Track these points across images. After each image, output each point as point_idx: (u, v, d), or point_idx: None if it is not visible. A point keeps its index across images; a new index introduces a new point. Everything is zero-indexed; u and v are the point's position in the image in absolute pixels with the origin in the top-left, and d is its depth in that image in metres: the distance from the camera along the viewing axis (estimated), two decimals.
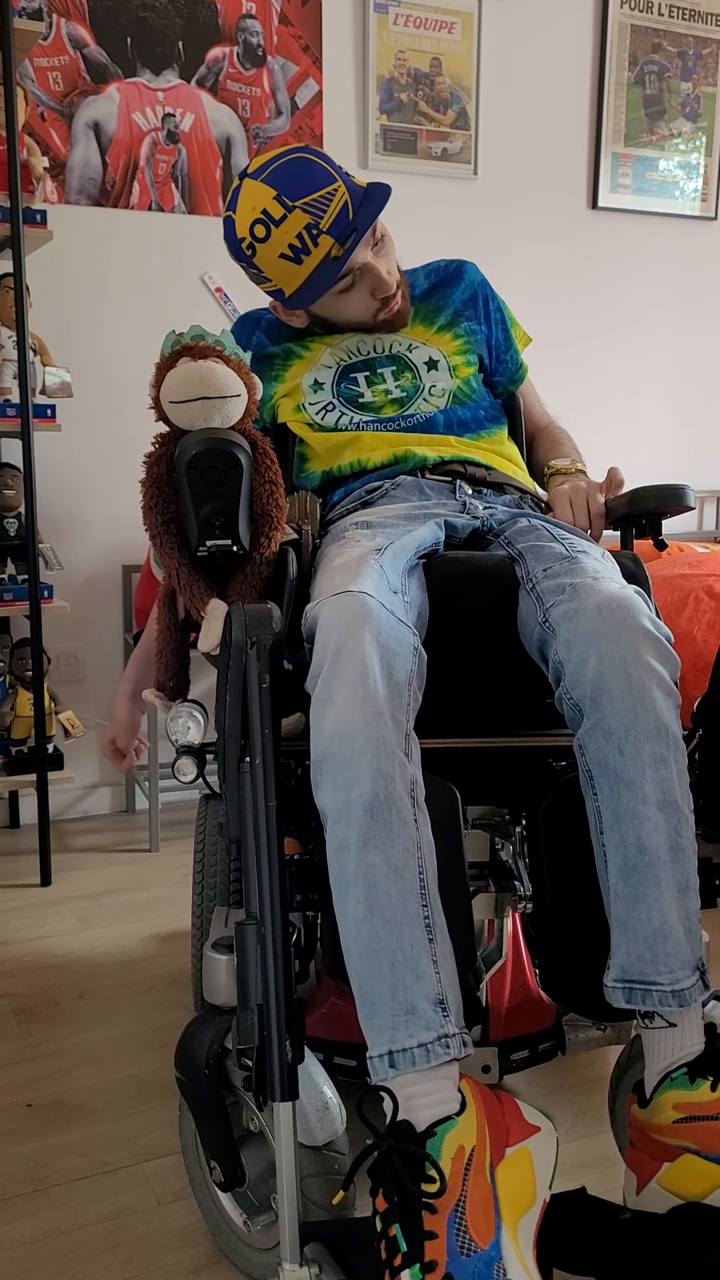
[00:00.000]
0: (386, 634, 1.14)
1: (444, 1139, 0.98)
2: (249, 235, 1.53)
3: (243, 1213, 1.26)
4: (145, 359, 2.72)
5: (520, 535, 1.37)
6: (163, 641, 1.41)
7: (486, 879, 1.41)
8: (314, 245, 1.52)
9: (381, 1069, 1.02)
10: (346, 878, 1.06)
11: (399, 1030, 1.02)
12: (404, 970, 1.03)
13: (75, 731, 2.54)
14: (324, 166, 1.53)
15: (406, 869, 1.05)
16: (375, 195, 1.55)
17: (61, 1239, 1.33)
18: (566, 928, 1.20)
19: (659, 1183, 1.06)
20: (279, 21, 2.87)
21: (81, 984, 1.98)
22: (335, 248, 1.52)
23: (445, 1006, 1.03)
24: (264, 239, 1.52)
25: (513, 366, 1.77)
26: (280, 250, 1.52)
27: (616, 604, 1.16)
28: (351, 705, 1.08)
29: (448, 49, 3.08)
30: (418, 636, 1.20)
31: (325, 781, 1.08)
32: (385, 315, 1.65)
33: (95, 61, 2.70)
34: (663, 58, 3.40)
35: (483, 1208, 0.95)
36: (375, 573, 1.22)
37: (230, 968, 1.18)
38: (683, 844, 1.10)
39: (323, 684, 1.12)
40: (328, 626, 1.15)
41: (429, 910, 1.06)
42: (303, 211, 1.50)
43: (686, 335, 3.62)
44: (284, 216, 1.50)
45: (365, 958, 1.04)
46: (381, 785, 1.06)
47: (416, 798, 1.09)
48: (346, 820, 1.06)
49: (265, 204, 1.51)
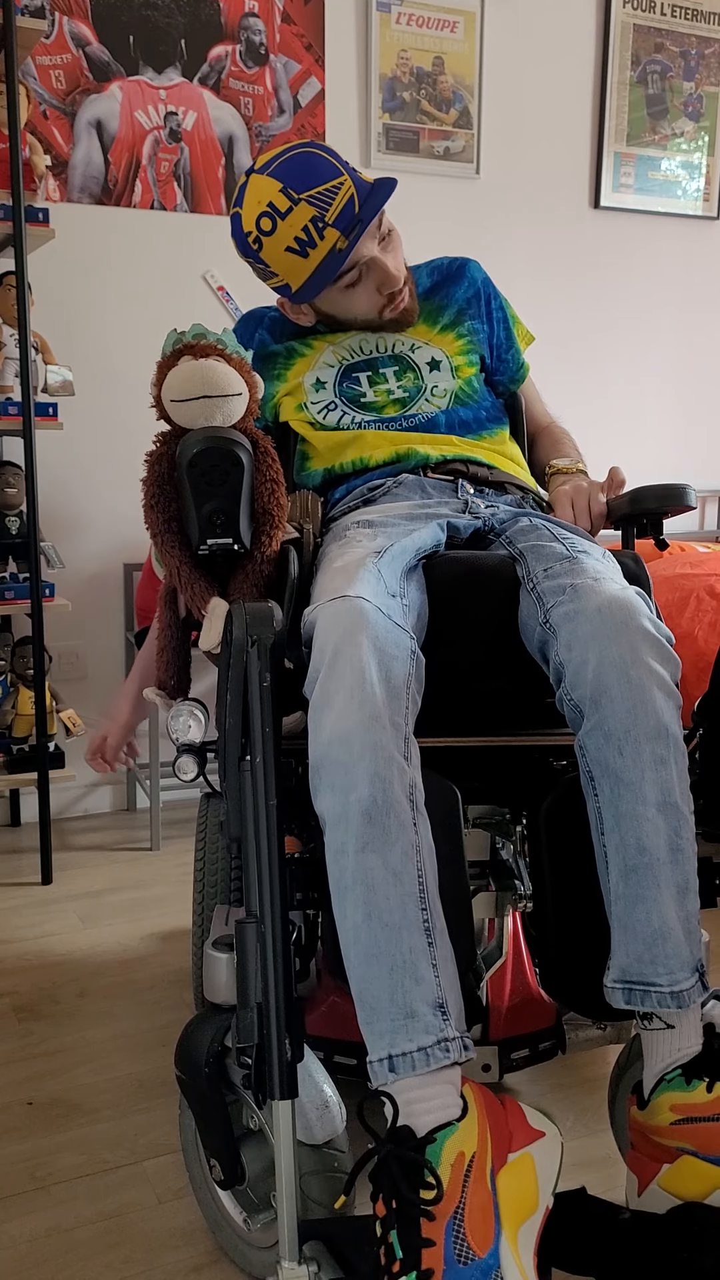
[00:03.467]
0: (383, 638, 1.13)
1: (444, 1145, 0.98)
2: (255, 229, 1.53)
3: (242, 1211, 1.26)
4: (147, 357, 2.73)
5: (521, 535, 1.37)
6: (164, 640, 1.41)
7: (487, 878, 1.41)
8: (320, 238, 1.51)
9: (381, 1073, 1.02)
10: (345, 882, 1.05)
11: (398, 1034, 1.01)
12: (403, 974, 1.02)
13: (76, 730, 2.54)
14: (330, 160, 1.53)
15: (405, 873, 1.05)
16: (381, 188, 1.55)
17: (62, 1237, 1.33)
18: (567, 927, 1.20)
19: (659, 1184, 1.05)
20: (281, 20, 2.87)
21: (82, 982, 1.98)
22: (341, 240, 1.52)
23: (445, 1010, 1.03)
24: (270, 232, 1.52)
25: (514, 365, 1.77)
26: (286, 243, 1.52)
27: (617, 605, 1.15)
28: (349, 710, 1.07)
29: (450, 48, 3.08)
30: (415, 640, 1.19)
31: (323, 786, 1.08)
32: (392, 313, 1.65)
33: (98, 60, 2.70)
34: (665, 57, 3.40)
35: (482, 1215, 0.94)
36: (373, 577, 1.21)
37: (230, 966, 1.18)
38: (682, 845, 1.10)
39: (320, 689, 1.11)
40: (324, 631, 1.14)
41: (428, 914, 1.05)
42: (308, 204, 1.50)
43: (688, 335, 3.62)
44: (290, 209, 1.50)
45: (364, 962, 1.04)
46: (380, 789, 1.05)
47: (415, 801, 1.09)
48: (344, 825, 1.05)
49: (271, 197, 1.51)
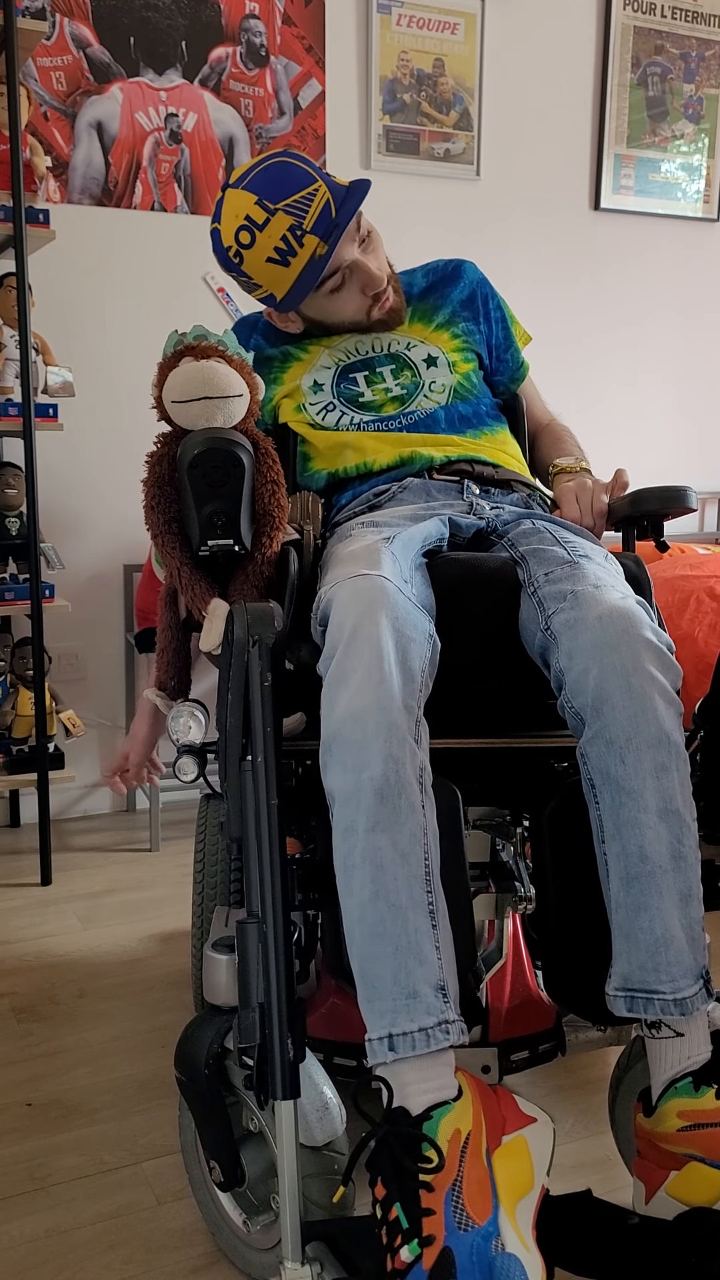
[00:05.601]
0: (403, 618, 1.14)
1: (440, 1122, 0.99)
2: (235, 243, 1.55)
3: (242, 1212, 1.26)
4: (147, 359, 2.71)
5: (523, 538, 1.37)
6: (164, 641, 1.41)
7: (487, 880, 1.41)
8: (299, 246, 1.53)
9: (380, 1051, 1.02)
10: (353, 860, 1.06)
11: (400, 1014, 1.02)
12: (407, 954, 1.03)
13: (76, 731, 2.54)
14: (303, 168, 1.54)
15: (413, 854, 1.06)
16: (356, 191, 1.56)
17: (61, 1238, 1.33)
18: (569, 931, 1.20)
19: (666, 1191, 1.05)
20: (282, 22, 2.88)
21: (81, 983, 1.98)
22: (321, 246, 1.53)
23: (446, 993, 1.04)
24: (250, 245, 1.54)
25: (513, 365, 1.77)
26: (267, 254, 1.54)
27: (618, 614, 1.15)
28: (366, 688, 1.08)
29: (450, 50, 3.08)
30: (432, 622, 1.20)
31: (335, 763, 1.08)
32: (379, 313, 1.65)
33: (98, 61, 2.70)
34: (665, 59, 3.40)
35: (479, 1188, 0.96)
36: (389, 559, 1.22)
37: (230, 967, 1.18)
38: (685, 852, 1.10)
39: (337, 665, 1.11)
40: (344, 608, 1.14)
41: (433, 896, 1.06)
42: (285, 213, 1.51)
43: (688, 337, 3.62)
44: (267, 220, 1.52)
45: (369, 940, 1.04)
46: (392, 770, 1.06)
47: (424, 784, 1.09)
48: (355, 803, 1.06)
49: (248, 210, 1.53)
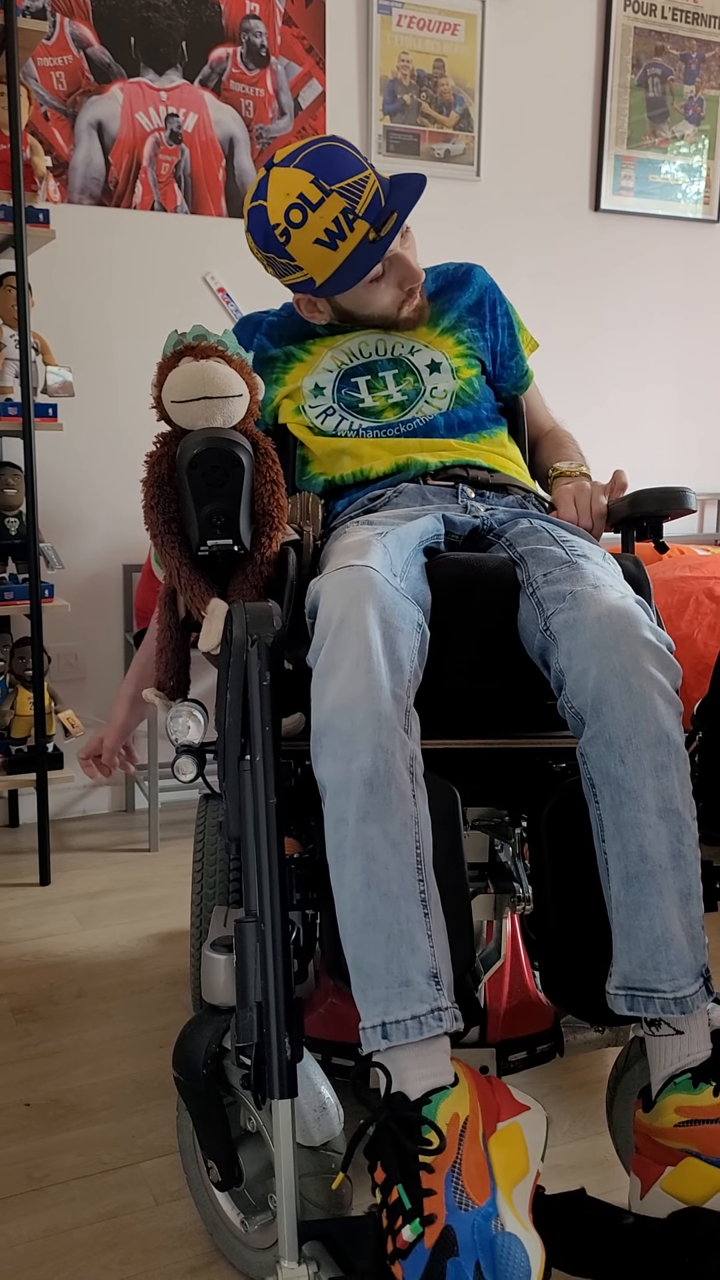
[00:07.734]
0: (390, 608, 1.14)
1: (439, 1106, 1.00)
2: (284, 221, 1.51)
3: (240, 1212, 1.26)
4: (147, 359, 2.72)
5: (521, 538, 1.37)
6: (163, 641, 1.41)
7: (485, 880, 1.41)
8: (350, 230, 1.51)
9: (375, 1039, 1.03)
10: (345, 850, 1.06)
11: (393, 1002, 1.03)
12: (399, 943, 1.04)
13: (75, 731, 2.54)
14: (353, 154, 1.53)
15: (404, 843, 1.06)
16: (410, 182, 1.54)
17: (59, 1238, 1.33)
18: (568, 931, 1.20)
19: (661, 1187, 1.06)
20: (282, 22, 2.88)
21: (80, 983, 1.98)
22: (371, 232, 1.52)
23: (438, 980, 1.04)
24: (300, 224, 1.51)
25: (518, 373, 1.77)
26: (316, 235, 1.51)
27: (617, 614, 1.16)
28: (354, 678, 1.08)
29: (451, 50, 3.08)
30: (422, 611, 1.20)
31: (325, 754, 1.09)
32: (409, 310, 1.65)
33: (99, 61, 2.70)
34: (666, 60, 3.40)
35: (478, 1170, 0.97)
36: (380, 551, 1.23)
37: (229, 967, 1.18)
38: (684, 852, 1.10)
39: (325, 656, 1.12)
40: (331, 599, 1.15)
41: (424, 885, 1.07)
42: (340, 195, 1.49)
43: (688, 338, 3.62)
44: (321, 200, 1.49)
45: (361, 930, 1.05)
46: (382, 759, 1.06)
47: (415, 773, 1.10)
48: (346, 793, 1.06)
49: (302, 188, 1.49)
